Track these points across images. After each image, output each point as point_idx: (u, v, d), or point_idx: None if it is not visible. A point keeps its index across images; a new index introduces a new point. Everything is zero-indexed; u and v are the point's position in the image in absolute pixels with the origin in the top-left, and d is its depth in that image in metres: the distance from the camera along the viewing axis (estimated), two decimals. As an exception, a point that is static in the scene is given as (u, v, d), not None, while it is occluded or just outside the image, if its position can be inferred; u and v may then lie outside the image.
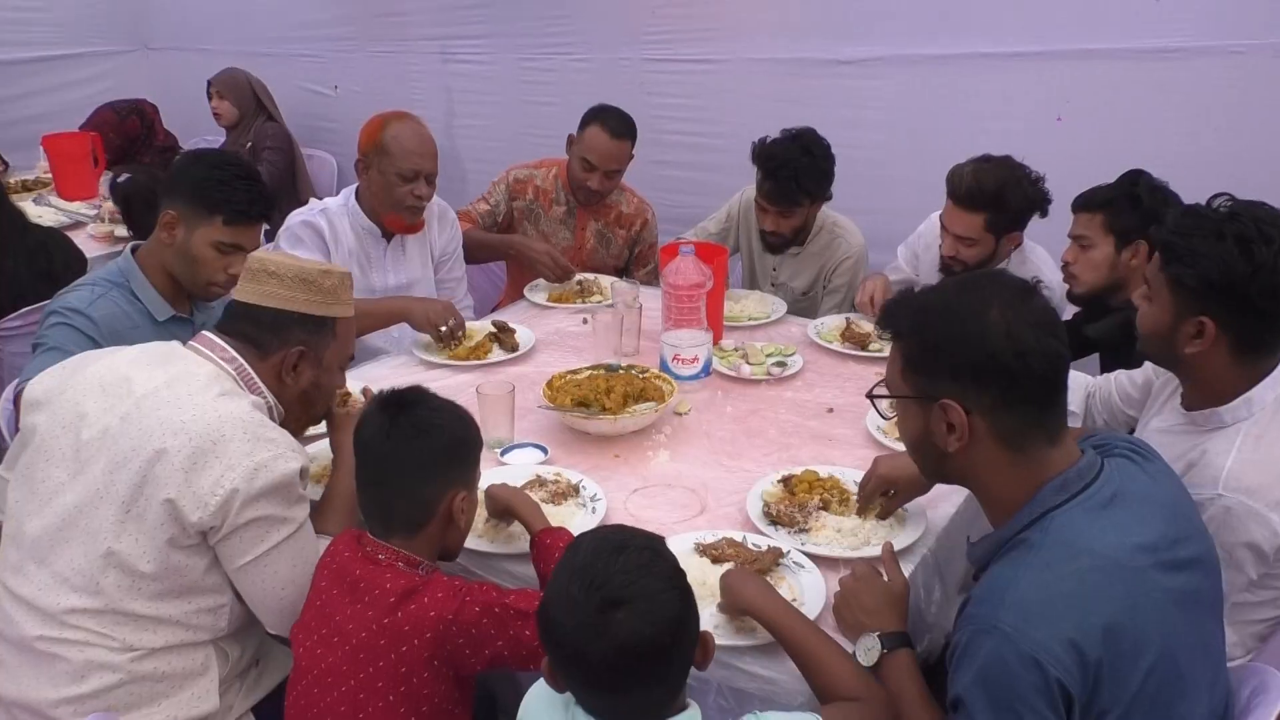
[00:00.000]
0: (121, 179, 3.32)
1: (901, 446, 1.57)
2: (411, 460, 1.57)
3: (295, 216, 2.75)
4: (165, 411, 1.56)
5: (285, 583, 1.62)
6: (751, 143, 2.98)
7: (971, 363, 1.30)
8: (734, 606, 1.52)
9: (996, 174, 2.58)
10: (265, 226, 2.31)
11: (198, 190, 2.19)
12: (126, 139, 4.78)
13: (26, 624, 1.57)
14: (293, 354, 1.73)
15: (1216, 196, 1.69)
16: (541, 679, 1.32)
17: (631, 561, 1.22)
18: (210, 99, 4.68)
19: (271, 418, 1.71)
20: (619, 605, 1.18)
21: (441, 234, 3.00)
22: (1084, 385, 2.20)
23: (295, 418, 1.81)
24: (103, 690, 1.55)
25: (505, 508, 1.77)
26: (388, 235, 2.84)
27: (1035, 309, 1.32)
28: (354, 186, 2.83)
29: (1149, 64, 3.01)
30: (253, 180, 2.25)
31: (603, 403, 2.16)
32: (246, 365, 1.71)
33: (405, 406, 1.61)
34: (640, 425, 2.17)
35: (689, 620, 1.24)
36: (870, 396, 1.51)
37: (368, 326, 2.67)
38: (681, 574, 1.26)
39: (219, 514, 1.53)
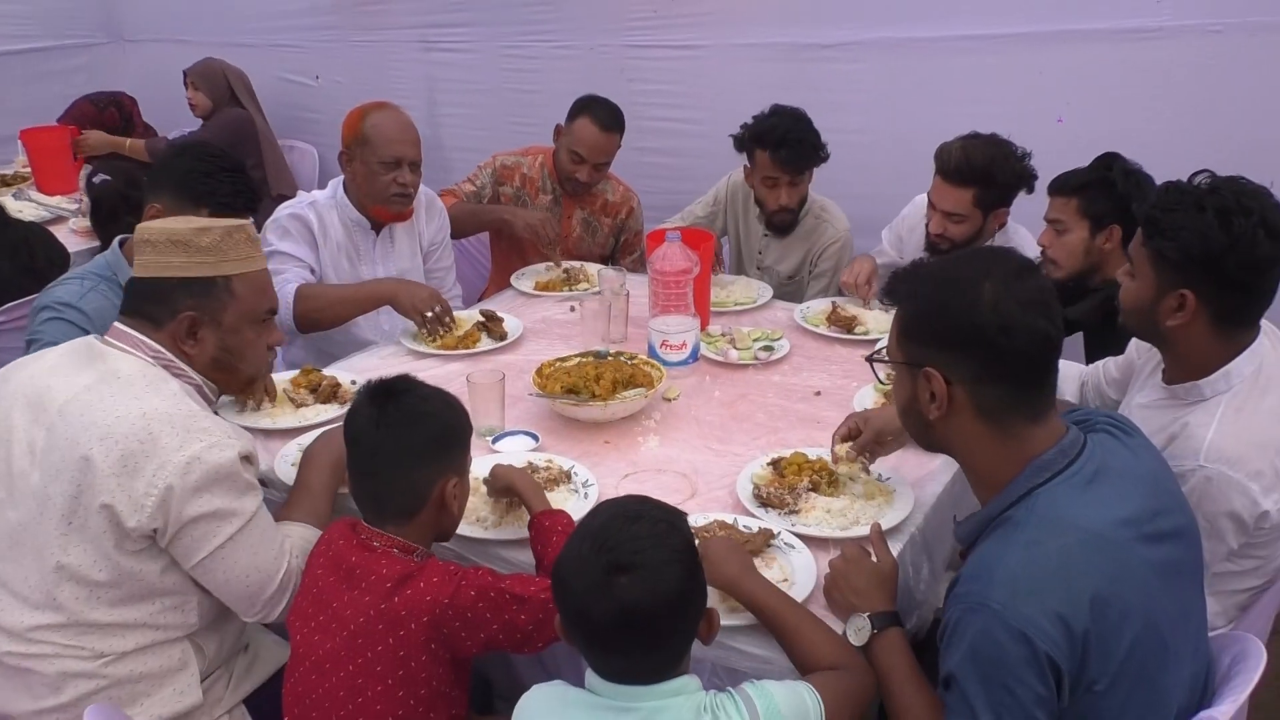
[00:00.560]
0: (97, 179, 3.30)
1: None
2: (402, 449, 1.57)
3: (284, 209, 2.75)
4: (89, 416, 1.52)
5: (247, 571, 1.59)
6: (731, 135, 2.99)
7: (957, 332, 1.33)
8: (715, 584, 1.54)
9: (985, 150, 2.60)
10: (251, 219, 2.31)
11: (182, 183, 2.17)
12: (105, 131, 4.75)
13: None
14: (182, 321, 1.65)
15: (1198, 173, 1.71)
16: (533, 691, 1.36)
17: (643, 530, 1.27)
18: (187, 89, 4.72)
19: (205, 398, 1.68)
20: (625, 570, 1.23)
21: (430, 223, 3.00)
22: (1078, 375, 2.22)
23: (224, 385, 1.76)
24: (82, 697, 1.55)
25: (507, 485, 1.79)
26: (376, 227, 2.84)
27: (1030, 287, 1.33)
28: (341, 179, 2.82)
29: (1129, 43, 3.04)
30: (237, 172, 2.24)
31: (592, 389, 2.17)
32: (164, 349, 1.65)
33: (394, 395, 1.60)
34: (630, 411, 2.19)
35: (693, 595, 1.29)
36: (870, 359, 1.59)
37: (353, 312, 2.68)
38: (692, 550, 1.30)
39: (158, 515, 1.50)
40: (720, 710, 1.28)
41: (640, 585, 1.23)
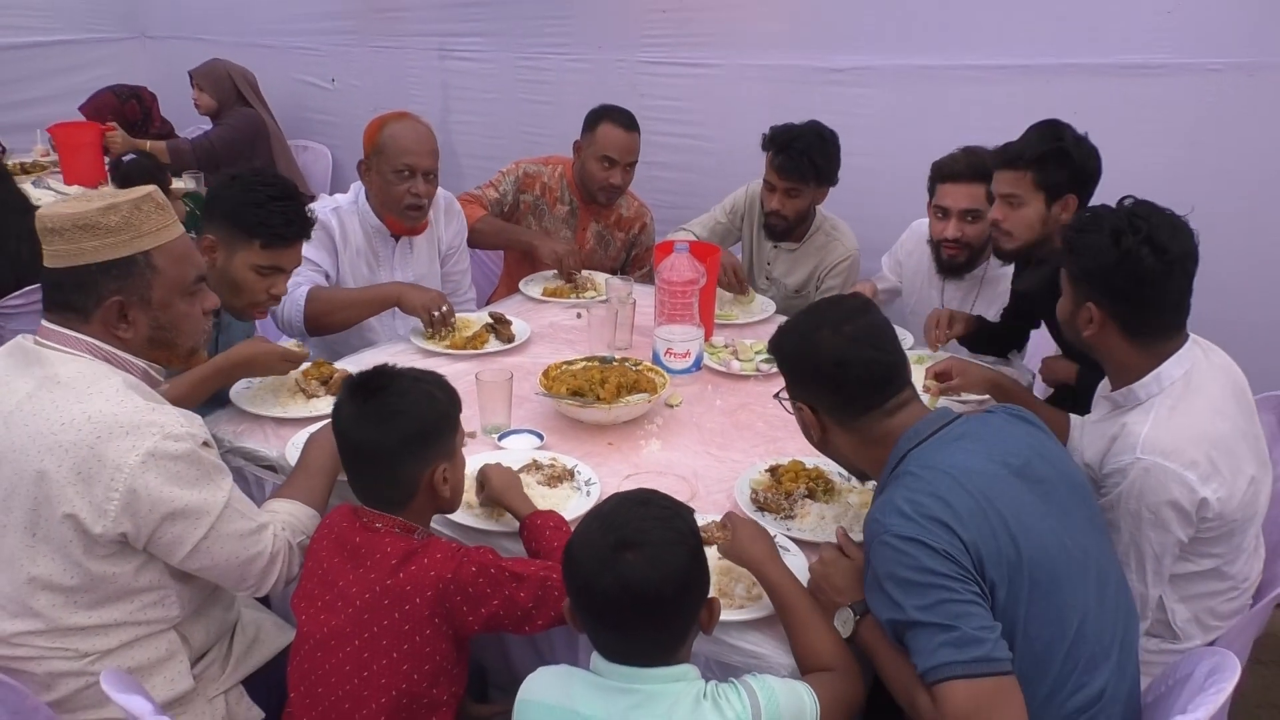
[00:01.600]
0: (127, 158, 3.35)
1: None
2: (384, 445, 1.59)
3: None
4: (34, 427, 1.48)
5: (235, 552, 1.59)
6: (747, 135, 3.05)
7: (805, 373, 1.64)
8: (740, 559, 1.63)
9: (985, 153, 2.65)
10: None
11: (234, 215, 2.17)
12: (125, 123, 4.83)
13: None
14: (110, 307, 1.56)
15: (1125, 198, 1.83)
16: (539, 671, 1.42)
17: (650, 513, 1.35)
18: (192, 89, 4.81)
19: (152, 381, 1.64)
20: (630, 547, 1.31)
21: (448, 227, 3.03)
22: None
23: (166, 361, 1.68)
24: (73, 694, 1.56)
25: (495, 500, 1.83)
26: (396, 235, 2.87)
27: (860, 325, 1.60)
28: (361, 185, 2.85)
29: (1130, 79, 3.10)
30: (289, 199, 2.22)
31: (597, 393, 2.22)
32: (98, 341, 1.57)
33: (373, 392, 1.61)
34: (633, 415, 2.24)
35: (694, 578, 1.35)
36: (776, 396, 1.81)
37: (361, 314, 2.72)
38: (696, 535, 1.38)
39: (124, 519, 1.47)
40: (722, 698, 1.34)
41: (644, 562, 1.29)
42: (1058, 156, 2.29)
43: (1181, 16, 3.01)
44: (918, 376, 2.48)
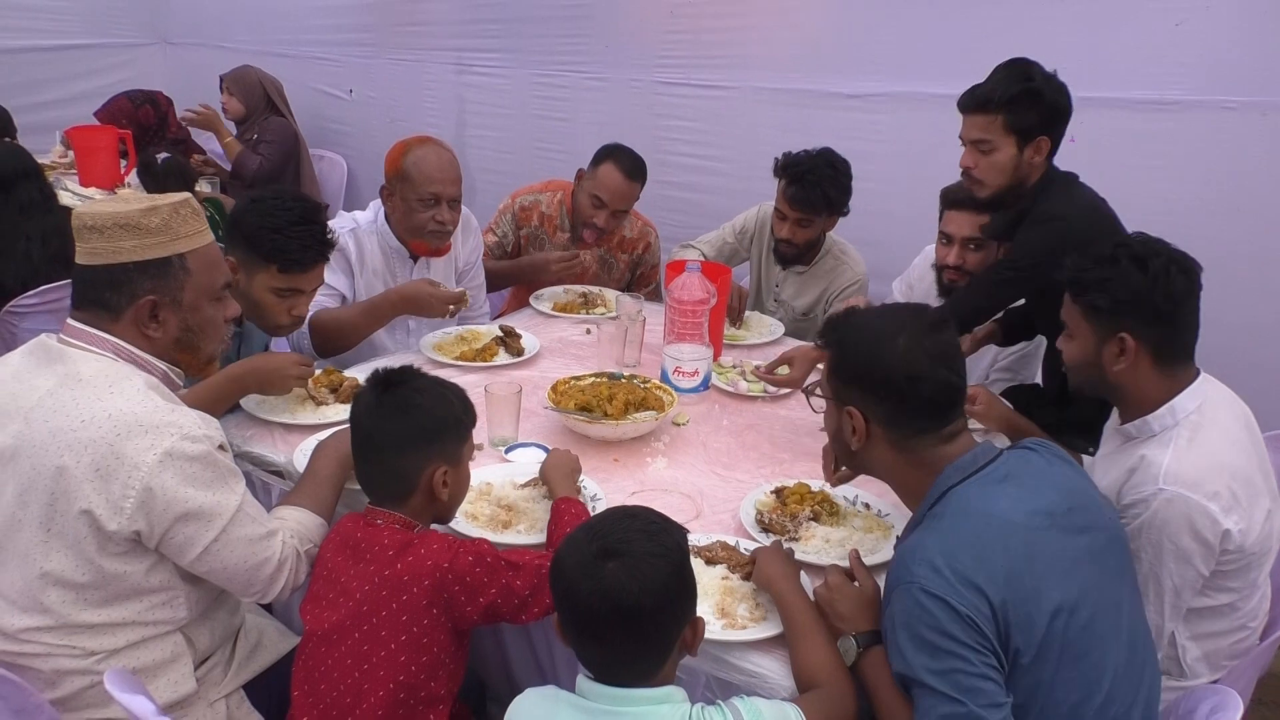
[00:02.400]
0: (161, 158, 3.36)
1: None
2: (391, 436, 1.65)
3: None
4: (55, 423, 1.50)
5: (244, 557, 1.60)
6: (762, 158, 3.07)
7: (872, 379, 1.54)
8: (759, 577, 1.66)
9: None
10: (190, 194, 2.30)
11: (252, 239, 2.20)
12: (139, 128, 4.84)
13: None
14: (143, 306, 1.59)
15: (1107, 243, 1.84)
16: (525, 693, 1.42)
17: (636, 526, 1.36)
18: (221, 93, 4.84)
19: (172, 385, 1.66)
20: (612, 556, 1.31)
21: (465, 244, 3.04)
22: None
23: (188, 364, 1.71)
24: (77, 692, 1.56)
25: (545, 474, 1.91)
26: (414, 255, 2.87)
27: (939, 341, 1.52)
28: (380, 204, 2.85)
29: (1145, 114, 3.12)
30: (308, 223, 2.23)
31: (605, 409, 2.23)
32: (123, 341, 1.60)
33: (392, 385, 1.68)
34: (640, 432, 2.25)
35: (676, 593, 1.34)
36: (806, 391, 1.74)
37: (371, 325, 2.69)
38: (682, 551, 1.37)
39: (139, 516, 1.49)
40: None
41: (625, 572, 1.29)
42: (1029, 97, 2.21)
43: (1196, 53, 3.03)
44: None
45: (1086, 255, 1.82)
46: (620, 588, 1.29)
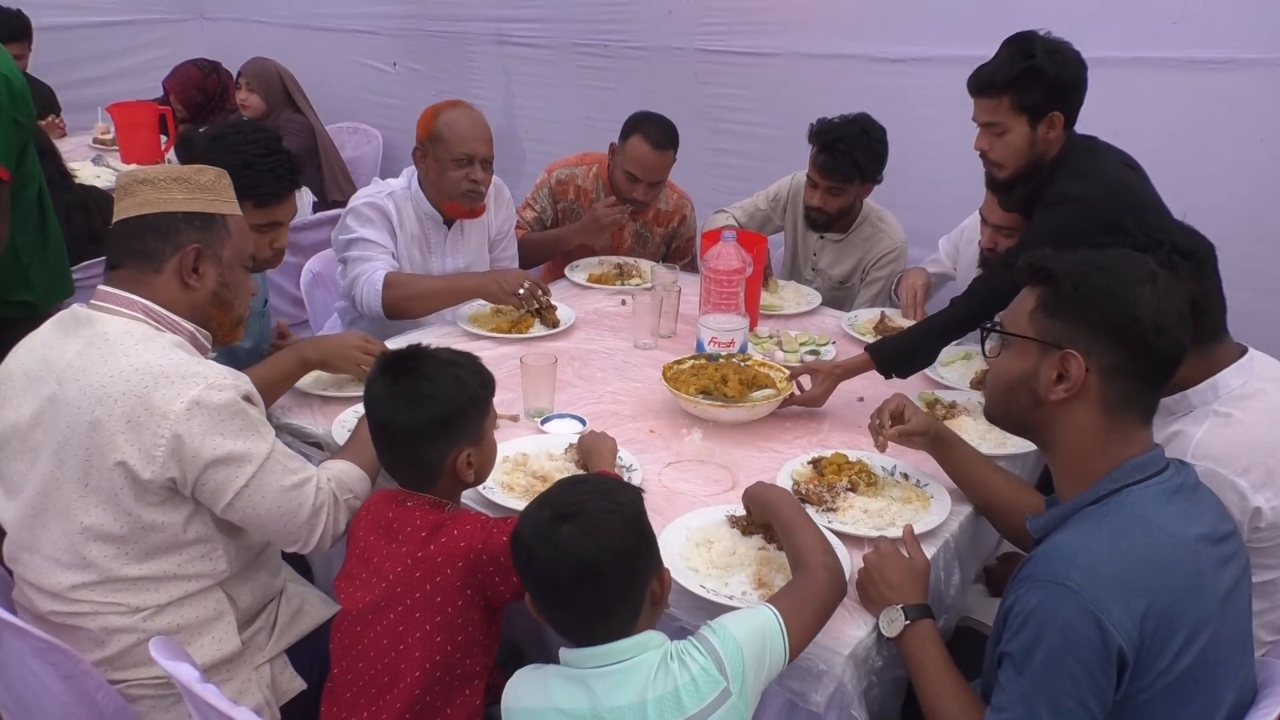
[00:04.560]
0: (203, 130, 3.35)
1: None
2: (408, 428, 1.61)
3: (361, 197, 2.77)
4: (84, 380, 1.55)
5: (277, 503, 1.62)
6: (809, 123, 3.02)
7: (1114, 322, 1.34)
8: (754, 501, 1.68)
9: None
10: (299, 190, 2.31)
11: None
12: (206, 96, 4.75)
13: (40, 602, 1.64)
14: (189, 253, 1.67)
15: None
16: (516, 675, 1.42)
17: (587, 488, 1.38)
18: (239, 89, 4.48)
19: (199, 346, 1.70)
20: (566, 519, 1.31)
21: (498, 214, 3.04)
22: None
23: (218, 324, 1.76)
24: (125, 650, 1.62)
25: (583, 452, 1.93)
26: (448, 220, 2.88)
27: (1182, 300, 1.37)
28: (414, 170, 2.86)
29: (1195, 73, 3.01)
30: (272, 154, 2.21)
31: (722, 391, 2.20)
32: (152, 304, 1.65)
33: (402, 373, 1.63)
34: (770, 411, 2.20)
35: (634, 547, 1.33)
36: (986, 329, 1.50)
37: (445, 303, 2.73)
38: (636, 506, 1.37)
39: (171, 463, 1.54)
40: (685, 656, 1.33)
41: (581, 533, 1.29)
42: (1032, 75, 2.14)
43: (1255, 11, 2.92)
44: (963, 375, 2.46)
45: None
46: (578, 546, 1.29)
